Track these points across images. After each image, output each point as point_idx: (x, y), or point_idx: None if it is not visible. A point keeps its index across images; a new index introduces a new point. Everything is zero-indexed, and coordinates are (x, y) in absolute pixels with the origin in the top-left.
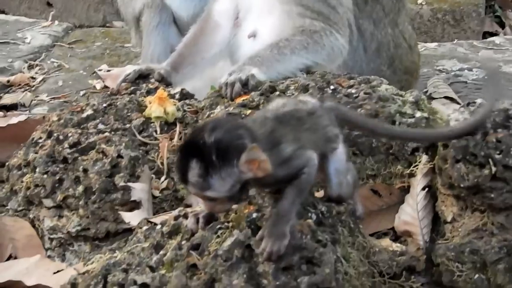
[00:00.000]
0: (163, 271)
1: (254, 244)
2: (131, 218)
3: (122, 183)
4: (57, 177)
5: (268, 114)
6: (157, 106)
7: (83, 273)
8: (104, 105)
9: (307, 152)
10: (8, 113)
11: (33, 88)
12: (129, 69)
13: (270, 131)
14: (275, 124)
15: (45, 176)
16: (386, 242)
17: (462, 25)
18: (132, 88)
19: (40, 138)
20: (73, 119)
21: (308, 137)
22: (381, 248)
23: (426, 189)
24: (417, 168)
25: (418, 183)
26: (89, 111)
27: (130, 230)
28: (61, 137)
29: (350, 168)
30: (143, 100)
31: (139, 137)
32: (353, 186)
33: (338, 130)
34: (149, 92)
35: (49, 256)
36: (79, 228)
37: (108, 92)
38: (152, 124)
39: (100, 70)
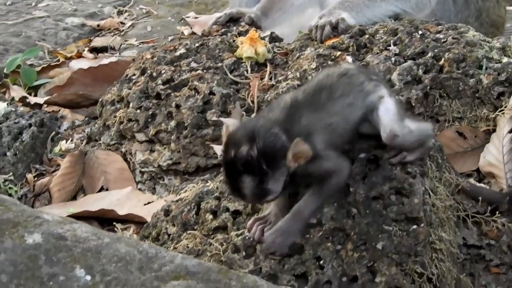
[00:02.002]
0: None
1: None
2: None
3: (214, 118)
4: (150, 112)
5: (299, 94)
6: (248, 47)
7: (176, 201)
8: (196, 44)
9: (340, 159)
10: (99, 55)
11: (122, 33)
12: (219, 14)
13: (299, 118)
14: (305, 109)
15: (138, 111)
16: (470, 182)
17: None
18: (223, 30)
19: (134, 75)
20: (166, 57)
21: (343, 103)
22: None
23: None
24: (502, 113)
25: (505, 125)
26: (182, 50)
27: (218, 166)
28: (154, 74)
29: (421, 126)
30: (234, 41)
31: (230, 76)
32: (418, 139)
33: (378, 83)
34: (240, 35)
35: (139, 189)
36: (170, 162)
37: (200, 34)
38: (243, 64)
39: (188, 17)
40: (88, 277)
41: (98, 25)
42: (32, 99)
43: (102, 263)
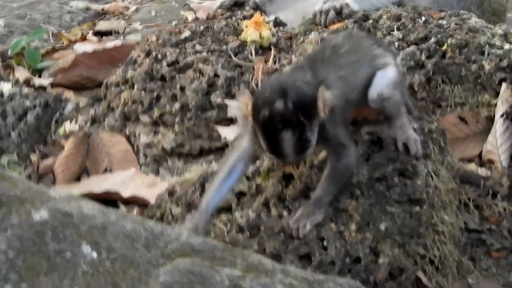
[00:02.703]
0: (259, 181)
1: None
2: (227, 133)
3: (218, 101)
4: (155, 94)
5: (299, 60)
6: (253, 30)
7: (181, 182)
8: (201, 28)
9: (350, 140)
10: (103, 38)
11: (126, 17)
12: None
13: (312, 73)
14: (313, 64)
15: (142, 93)
16: (471, 167)
17: None
18: (227, 14)
19: (139, 56)
20: (171, 39)
21: (348, 59)
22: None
23: (504, 115)
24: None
25: (498, 110)
26: (187, 33)
27: (222, 149)
28: (159, 56)
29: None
30: (239, 25)
31: (235, 58)
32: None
33: (386, 53)
34: (245, 18)
35: (143, 171)
36: (174, 144)
37: (205, 17)
38: (247, 47)
39: (192, 2)
40: (95, 254)
41: (103, 9)
42: (37, 81)
43: (108, 240)
